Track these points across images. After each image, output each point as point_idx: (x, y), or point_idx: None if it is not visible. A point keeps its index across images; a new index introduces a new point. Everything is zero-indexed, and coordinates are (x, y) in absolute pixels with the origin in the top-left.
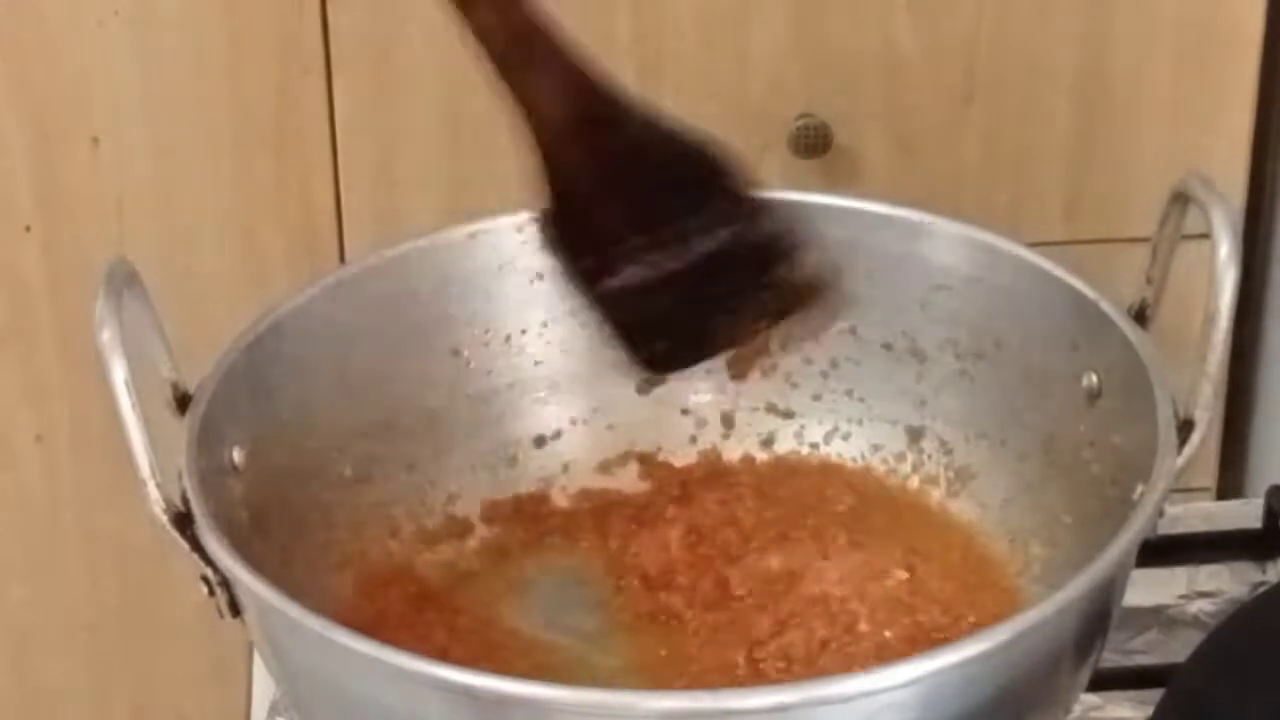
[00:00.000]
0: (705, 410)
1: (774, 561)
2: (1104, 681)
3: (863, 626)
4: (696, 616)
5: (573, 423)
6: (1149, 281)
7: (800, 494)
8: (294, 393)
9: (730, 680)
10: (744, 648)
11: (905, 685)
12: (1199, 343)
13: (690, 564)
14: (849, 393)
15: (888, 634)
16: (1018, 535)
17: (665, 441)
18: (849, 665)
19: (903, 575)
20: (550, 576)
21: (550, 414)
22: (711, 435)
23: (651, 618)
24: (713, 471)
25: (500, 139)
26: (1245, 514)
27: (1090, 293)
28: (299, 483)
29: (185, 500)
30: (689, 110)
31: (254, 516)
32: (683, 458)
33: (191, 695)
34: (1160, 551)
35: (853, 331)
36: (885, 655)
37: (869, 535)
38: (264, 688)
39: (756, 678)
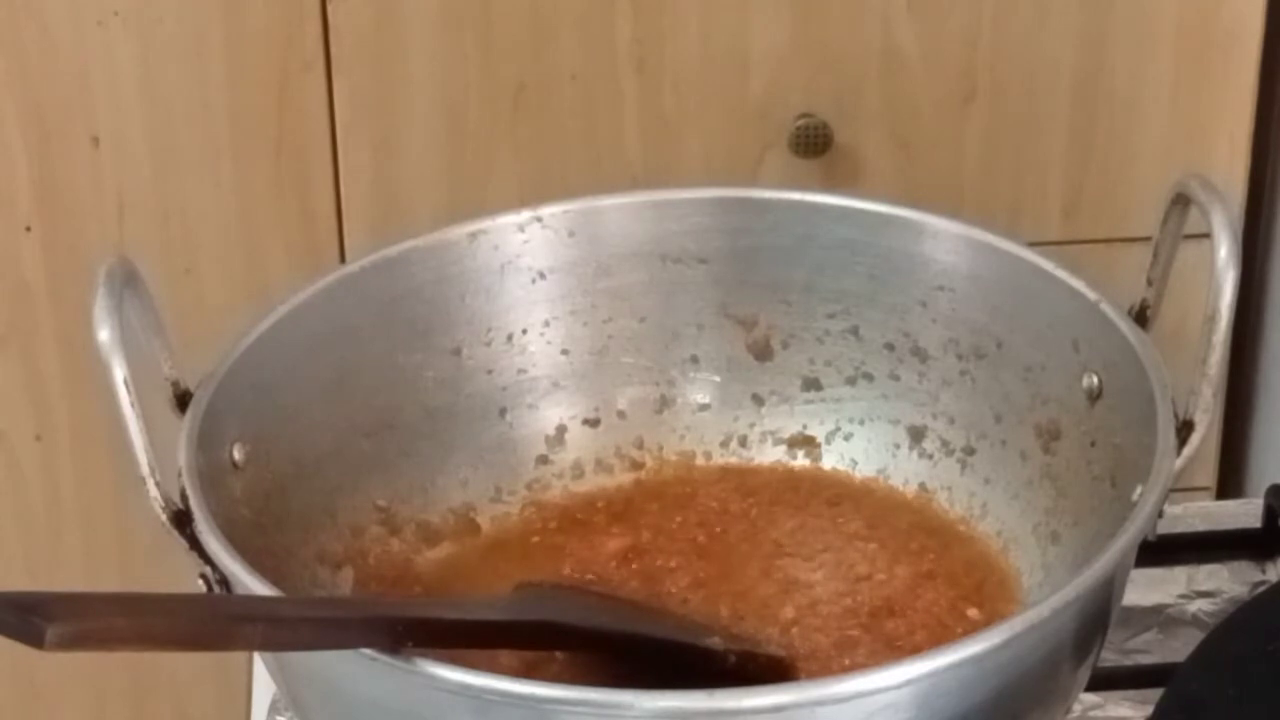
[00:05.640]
0: (706, 410)
1: (774, 560)
2: (1103, 681)
3: (860, 626)
4: (697, 613)
5: (574, 422)
6: (1149, 283)
7: (801, 493)
8: (294, 392)
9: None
10: None
11: (903, 685)
12: (1199, 343)
13: (691, 563)
14: (851, 393)
15: (887, 633)
16: (1018, 535)
17: (666, 441)
18: (847, 665)
19: (902, 574)
20: (550, 576)
21: (551, 413)
22: (713, 435)
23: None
24: (714, 471)
25: (500, 139)
26: (1245, 514)
27: (1090, 293)
28: (299, 481)
29: (184, 499)
30: (689, 110)
31: (253, 515)
32: (683, 457)
33: (191, 694)
34: (1160, 551)
35: (854, 332)
36: (884, 655)
37: (869, 535)
38: (263, 687)
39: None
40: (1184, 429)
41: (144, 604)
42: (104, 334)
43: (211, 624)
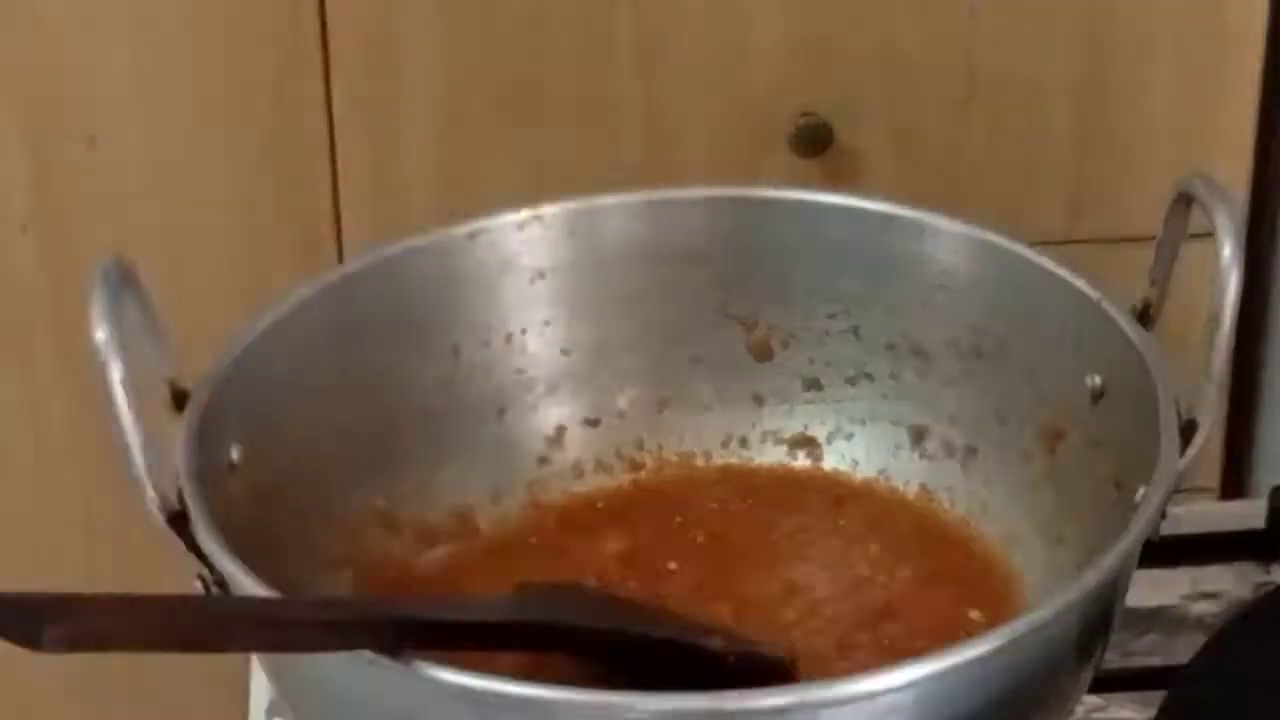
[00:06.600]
0: (706, 410)
1: (775, 561)
2: (1106, 683)
3: (862, 627)
4: (697, 614)
5: (573, 422)
6: (1152, 282)
7: (801, 494)
8: (292, 392)
9: None
10: None
11: (905, 688)
12: (1202, 343)
13: (691, 564)
14: (852, 393)
15: (887, 636)
16: (1020, 536)
17: (666, 441)
18: (848, 667)
19: (904, 576)
20: (550, 576)
21: (550, 414)
22: (713, 435)
23: None
24: (714, 471)
25: (500, 138)
26: (1249, 515)
27: (1093, 293)
28: (297, 482)
29: (182, 499)
30: (689, 110)
31: (251, 516)
32: (683, 457)
33: (189, 695)
34: (1163, 552)
35: (854, 332)
36: (885, 657)
37: (870, 536)
38: (261, 689)
39: None
40: (1187, 429)
41: (141, 605)
42: (101, 334)
43: (209, 626)
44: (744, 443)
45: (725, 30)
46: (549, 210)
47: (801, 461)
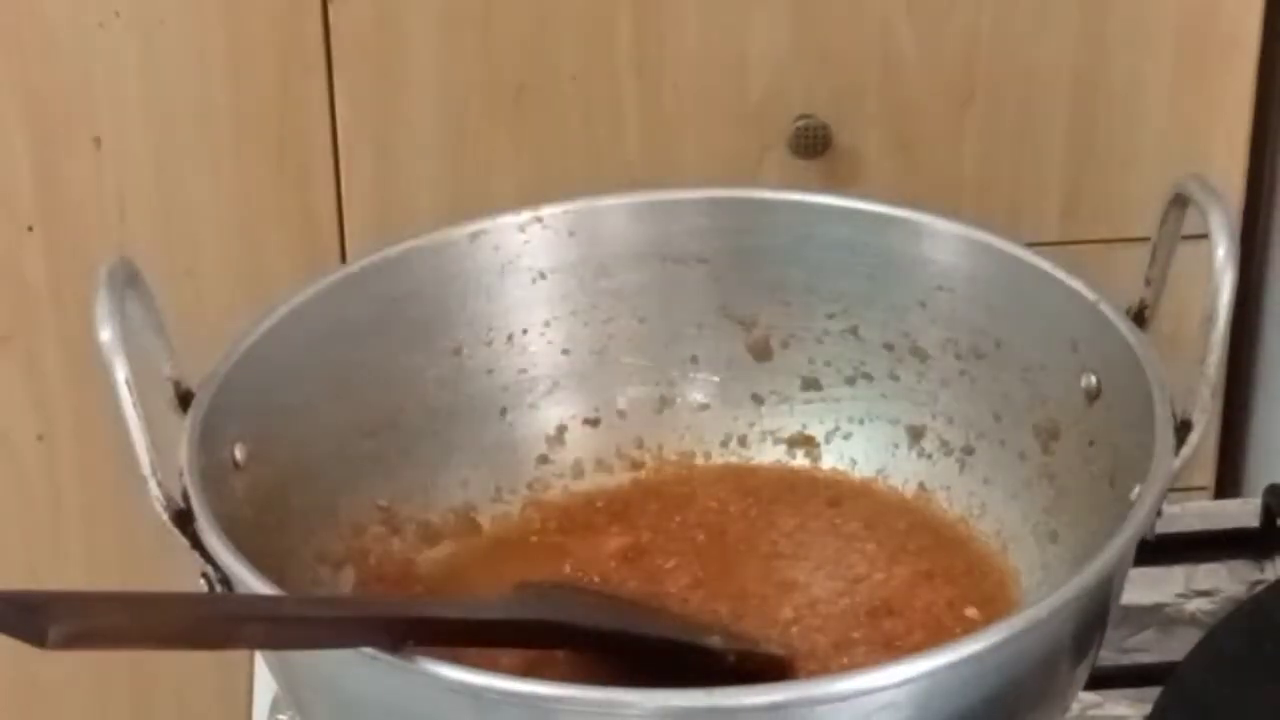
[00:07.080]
0: (706, 410)
1: (773, 559)
2: (1102, 680)
3: (859, 625)
4: (697, 612)
5: (574, 422)
6: (1148, 283)
7: (799, 493)
8: (295, 391)
9: None
10: None
11: (902, 684)
12: (1197, 343)
13: (691, 563)
14: (850, 392)
15: (885, 633)
16: (1016, 534)
17: (666, 441)
18: (845, 664)
19: (901, 574)
20: (550, 575)
21: (551, 413)
22: (713, 435)
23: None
24: (714, 471)
25: (500, 139)
26: (1243, 513)
27: (1089, 293)
28: (300, 481)
29: (186, 498)
30: (689, 110)
31: (255, 514)
32: (683, 457)
33: (192, 692)
34: (1158, 550)
35: (853, 332)
36: (882, 654)
37: (868, 534)
38: (264, 686)
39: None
40: (1182, 429)
41: (145, 603)
42: (105, 334)
43: (213, 623)
44: (743, 442)
45: (724, 33)
46: (550, 211)
47: (800, 461)
